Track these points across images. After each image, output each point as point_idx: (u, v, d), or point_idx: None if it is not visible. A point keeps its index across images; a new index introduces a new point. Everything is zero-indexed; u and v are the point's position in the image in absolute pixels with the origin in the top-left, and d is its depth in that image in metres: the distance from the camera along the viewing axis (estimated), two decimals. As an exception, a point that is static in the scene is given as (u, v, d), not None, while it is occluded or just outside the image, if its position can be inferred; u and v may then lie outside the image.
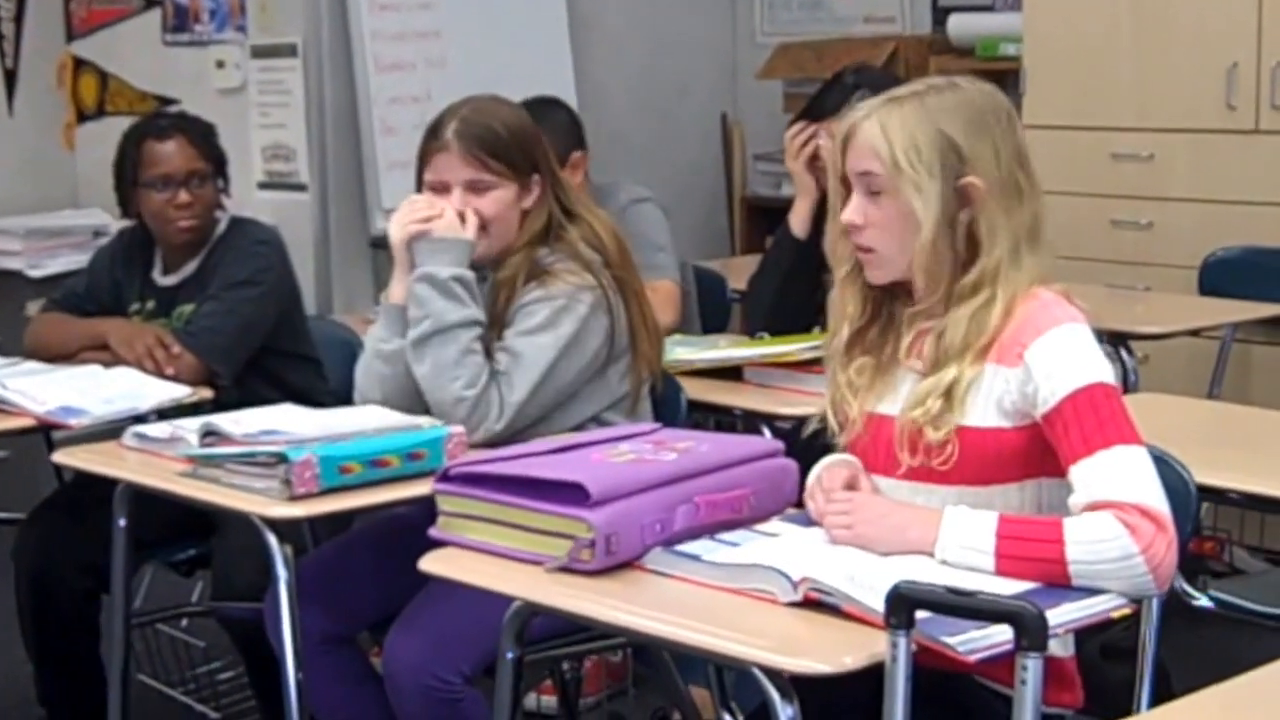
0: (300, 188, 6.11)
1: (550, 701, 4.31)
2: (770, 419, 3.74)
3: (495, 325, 3.38)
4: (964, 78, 2.69)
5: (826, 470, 2.72)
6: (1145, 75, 5.52)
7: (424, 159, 3.45)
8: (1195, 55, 5.37)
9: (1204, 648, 3.44)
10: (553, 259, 3.40)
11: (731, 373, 3.97)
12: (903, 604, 2.20)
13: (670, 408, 3.67)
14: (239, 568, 3.78)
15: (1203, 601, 3.34)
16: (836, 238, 2.72)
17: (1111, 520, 2.38)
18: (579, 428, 3.39)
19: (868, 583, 2.32)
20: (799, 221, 4.15)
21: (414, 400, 3.37)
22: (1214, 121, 5.34)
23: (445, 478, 2.73)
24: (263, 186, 6.19)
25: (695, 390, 3.81)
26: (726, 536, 2.65)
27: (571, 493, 2.56)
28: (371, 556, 3.47)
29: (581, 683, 4.09)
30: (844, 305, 2.73)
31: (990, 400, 2.55)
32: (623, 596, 2.47)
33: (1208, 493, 2.93)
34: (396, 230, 3.43)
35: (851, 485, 2.67)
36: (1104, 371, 2.52)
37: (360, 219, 6.13)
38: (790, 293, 4.12)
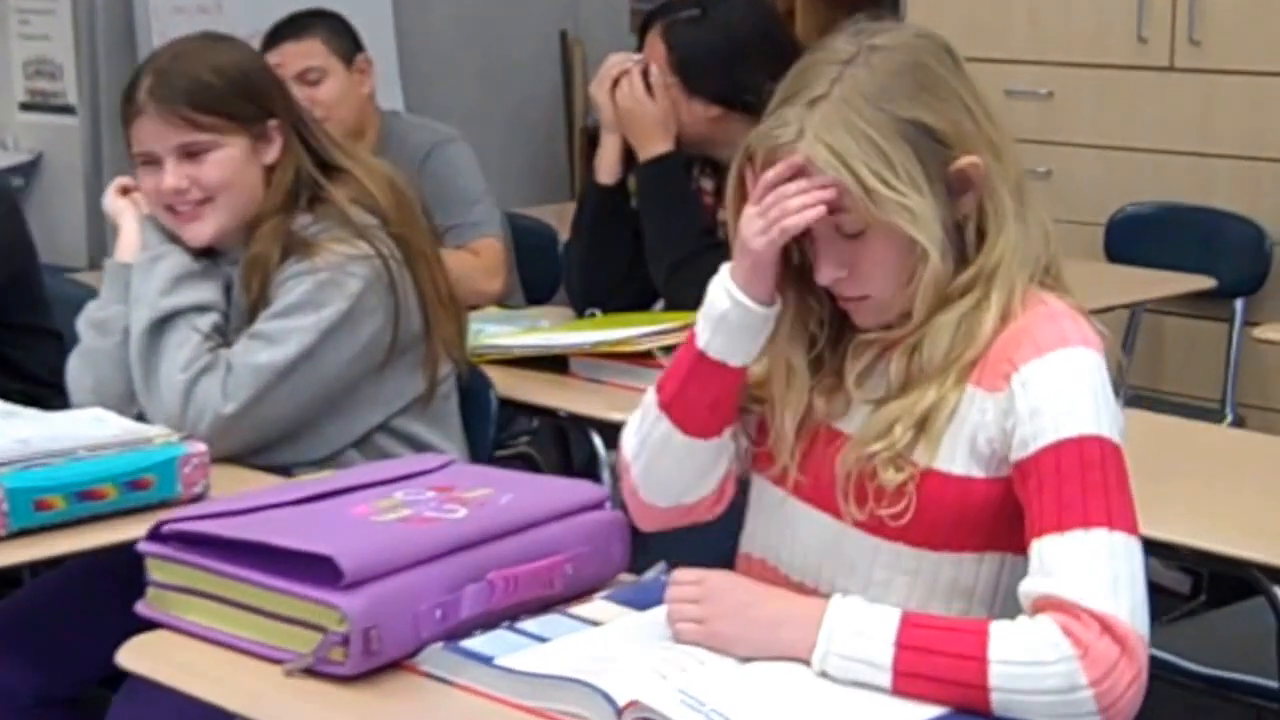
0: (68, 110, 5.79)
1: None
2: (601, 425, 3.37)
3: (252, 316, 2.99)
4: (864, 23, 2.19)
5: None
6: (1045, 0, 5.34)
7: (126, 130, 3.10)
8: (1103, -22, 5.23)
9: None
10: (316, 227, 3.00)
11: (556, 362, 3.55)
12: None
13: (477, 409, 3.24)
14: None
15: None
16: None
17: (1056, 634, 1.94)
18: (365, 440, 3.03)
19: (721, 707, 1.91)
20: (607, 165, 3.73)
21: (128, 382, 3.04)
22: (1122, 56, 5.14)
23: (156, 536, 2.27)
24: (24, 108, 5.90)
25: (508, 385, 3.39)
26: (531, 625, 2.19)
27: (320, 567, 2.09)
28: (98, 594, 2.96)
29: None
30: (801, 377, 2.20)
31: (962, 436, 2.10)
32: (385, 716, 2.06)
33: (1153, 548, 2.44)
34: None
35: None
36: (1108, 423, 2.06)
37: (138, 147, 5.75)
38: (603, 257, 3.73)
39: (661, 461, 2.20)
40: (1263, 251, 4.77)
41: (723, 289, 2.12)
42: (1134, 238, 4.95)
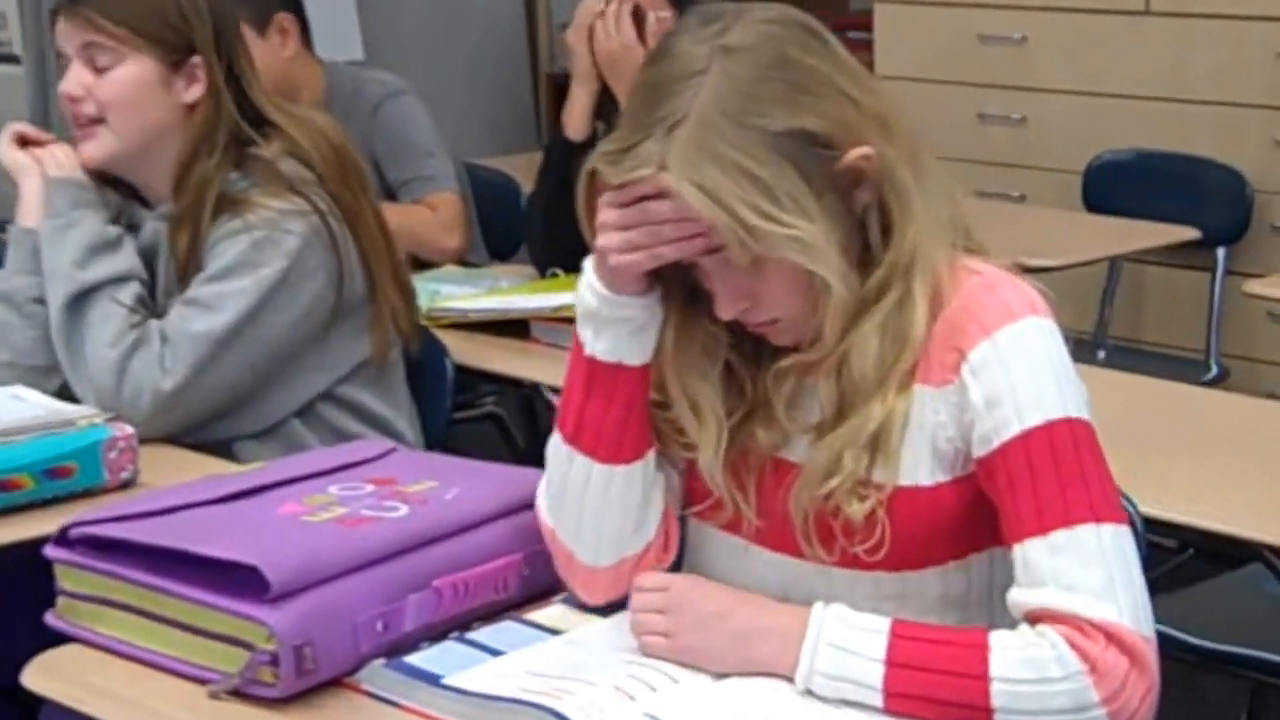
0: (12, 59, 5.71)
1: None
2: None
3: (183, 278, 2.84)
4: (706, 5, 1.96)
5: None
6: (1018, -56, 5.34)
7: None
8: (1075, -81, 5.19)
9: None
10: (245, 183, 2.86)
11: (516, 325, 3.42)
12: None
13: (432, 377, 3.08)
14: None
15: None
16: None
17: (1062, 648, 1.80)
18: (309, 410, 2.90)
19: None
20: (576, 120, 3.59)
21: (45, 354, 2.91)
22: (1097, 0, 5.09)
23: (64, 541, 2.11)
24: (-33, 58, 5.89)
25: (466, 350, 3.27)
26: (483, 635, 2.02)
27: (245, 577, 1.92)
28: (23, 584, 2.63)
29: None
30: (709, 409, 1.99)
31: (921, 444, 1.92)
32: (322, 743, 1.90)
33: (1152, 527, 2.37)
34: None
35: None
36: (1073, 399, 1.88)
37: (84, 96, 5.67)
38: (569, 217, 3.52)
39: (586, 509, 1.98)
40: (1244, 199, 4.69)
41: (587, 287, 1.92)
42: (1112, 186, 4.83)
